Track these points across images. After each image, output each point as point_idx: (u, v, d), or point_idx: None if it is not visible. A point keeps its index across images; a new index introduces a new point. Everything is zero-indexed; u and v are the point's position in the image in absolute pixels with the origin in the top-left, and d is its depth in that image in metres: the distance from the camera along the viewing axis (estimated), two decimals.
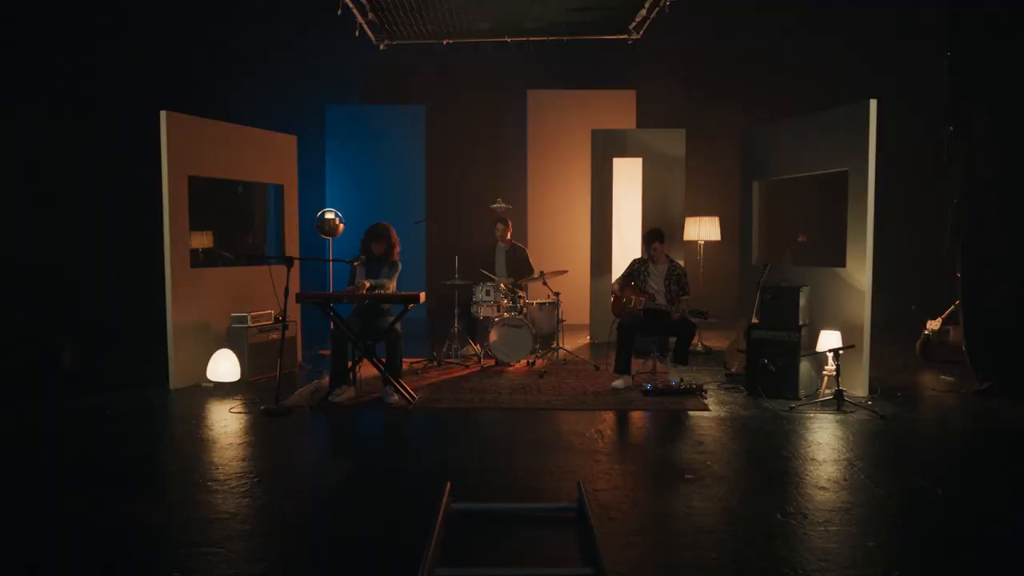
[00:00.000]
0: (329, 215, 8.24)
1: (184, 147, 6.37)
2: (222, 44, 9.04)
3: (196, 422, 5.23)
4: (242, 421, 5.22)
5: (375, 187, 11.15)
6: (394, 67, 11.09)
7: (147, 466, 4.27)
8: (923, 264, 8.98)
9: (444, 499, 3.45)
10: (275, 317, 6.97)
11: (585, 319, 9.45)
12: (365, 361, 5.72)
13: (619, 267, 8.83)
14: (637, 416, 5.41)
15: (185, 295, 6.38)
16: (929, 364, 7.46)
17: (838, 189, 6.73)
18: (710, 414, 5.38)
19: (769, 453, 4.45)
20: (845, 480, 3.93)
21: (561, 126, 10.78)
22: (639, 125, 10.45)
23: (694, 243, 8.79)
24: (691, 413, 5.41)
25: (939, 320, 7.70)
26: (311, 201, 9.42)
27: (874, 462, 4.27)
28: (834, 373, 5.59)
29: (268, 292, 6.33)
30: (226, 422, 5.20)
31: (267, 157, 7.27)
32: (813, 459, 4.28)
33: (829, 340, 5.72)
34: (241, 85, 9.66)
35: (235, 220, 9.05)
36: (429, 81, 11.20)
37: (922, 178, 8.72)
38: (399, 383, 5.66)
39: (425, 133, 11.26)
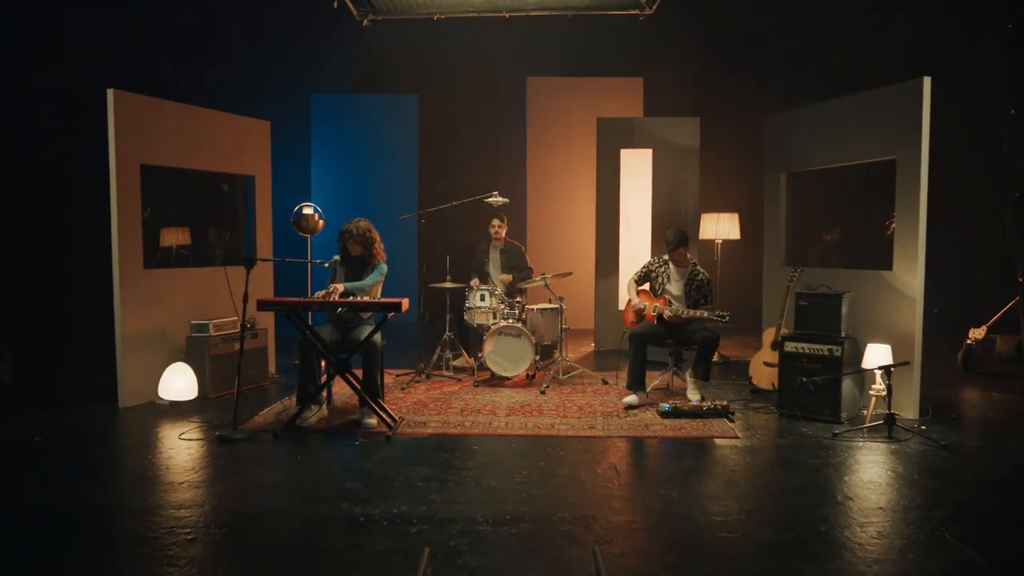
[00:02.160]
0: (308, 210, 7.44)
1: (135, 131, 5.57)
2: (201, 28, 8.29)
3: (137, 451, 4.44)
4: (192, 450, 4.43)
5: (364, 181, 10.45)
6: (384, 54, 10.36)
7: (55, 514, 3.46)
8: (953, 265, 8.22)
9: (422, 569, 2.67)
10: (243, 324, 6.19)
11: (589, 324, 8.68)
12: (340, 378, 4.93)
13: (626, 268, 8.07)
14: (656, 445, 4.62)
15: (137, 299, 5.60)
16: (973, 377, 6.70)
17: (865, 181, 6.02)
18: (741, 442, 4.60)
19: (822, 497, 3.66)
20: (924, 537, 3.15)
21: (563, 115, 10.03)
22: (647, 114, 9.69)
23: (711, 242, 8.01)
24: (718, 441, 4.63)
25: (983, 328, 6.94)
26: (294, 196, 8.66)
27: (953, 511, 3.48)
28: (884, 394, 4.81)
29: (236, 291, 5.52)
30: (173, 451, 4.41)
31: (236, 145, 6.48)
32: (878, 507, 3.50)
33: (877, 355, 4.93)
34: (219, 70, 8.90)
35: (214, 215, 8.25)
36: (422, 68, 10.49)
37: (943, 173, 7.95)
38: (378, 404, 4.87)
39: (418, 124, 10.53)
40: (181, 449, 4.46)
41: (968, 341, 6.95)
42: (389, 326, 5.09)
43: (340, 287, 4.94)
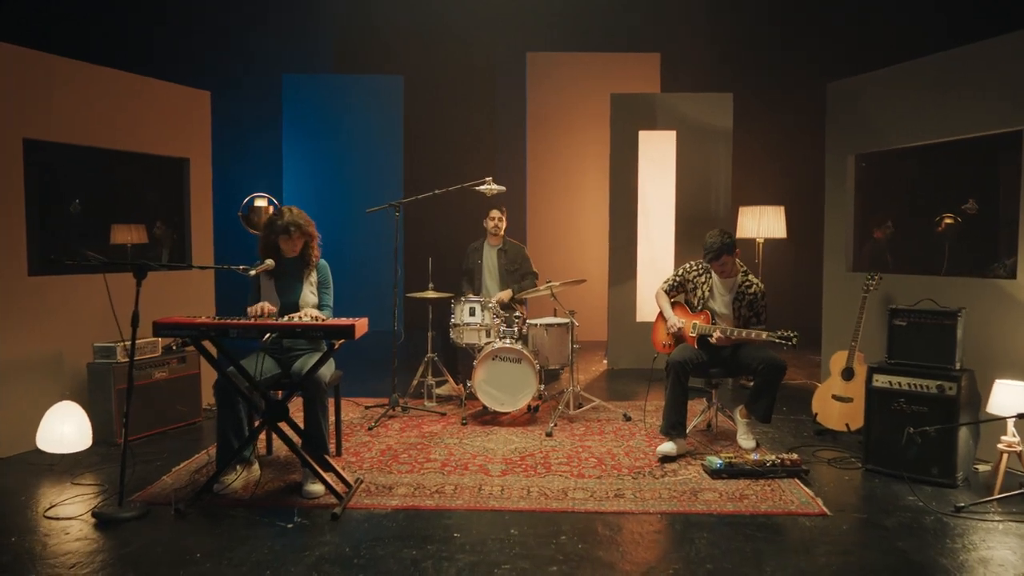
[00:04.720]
0: (261, 202, 6.14)
1: (18, 95, 4.26)
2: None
3: None
4: (53, 539, 3.10)
5: (342, 172, 9.16)
6: (366, 31, 9.06)
7: None
8: None
9: None
10: (168, 346, 4.87)
11: (600, 335, 7.40)
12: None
13: (645, 271, 6.77)
14: (712, 527, 3.28)
15: (19, 316, 4.29)
16: None
17: (927, 163, 4.84)
18: (832, 523, 3.28)
19: None
20: None
21: (569, 96, 8.72)
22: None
23: (751, 241, 6.69)
24: (800, 520, 3.31)
25: None
26: (263, 188, 7.38)
27: None
28: (1020, 449, 3.51)
29: (164, 308, 4.17)
30: (26, 543, 3.08)
31: (165, 119, 5.17)
32: None
33: (1011, 395, 3.62)
34: (171, 42, 7.60)
35: (160, 207, 6.93)
36: (408, 46, 9.18)
37: None
38: (323, 464, 3.54)
39: (403, 108, 9.24)
40: (39, 536, 3.14)
41: None
42: (363, 339, 3.78)
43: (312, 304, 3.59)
